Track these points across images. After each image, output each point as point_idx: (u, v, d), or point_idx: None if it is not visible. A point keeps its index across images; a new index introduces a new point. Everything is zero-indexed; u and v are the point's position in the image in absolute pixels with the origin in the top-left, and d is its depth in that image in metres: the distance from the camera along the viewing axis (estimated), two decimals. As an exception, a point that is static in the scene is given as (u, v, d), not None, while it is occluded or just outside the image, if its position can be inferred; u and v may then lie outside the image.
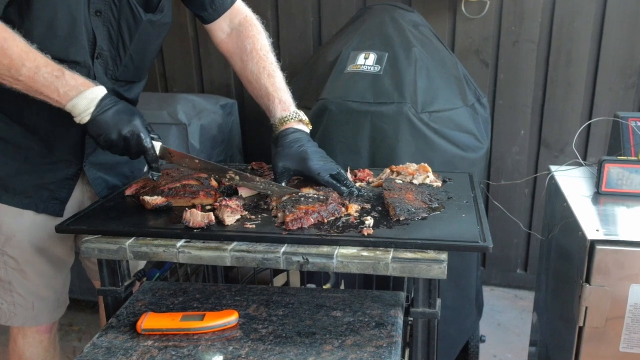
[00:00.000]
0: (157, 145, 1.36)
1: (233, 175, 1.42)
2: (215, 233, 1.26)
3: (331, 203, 1.32)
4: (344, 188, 1.44)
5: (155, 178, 1.38)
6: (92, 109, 1.28)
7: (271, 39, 1.63)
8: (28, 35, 1.27)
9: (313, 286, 1.95)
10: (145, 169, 1.44)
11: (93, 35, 1.39)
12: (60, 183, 1.52)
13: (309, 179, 1.45)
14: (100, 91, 1.31)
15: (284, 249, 1.20)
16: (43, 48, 1.27)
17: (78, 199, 1.57)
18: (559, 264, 1.68)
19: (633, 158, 1.60)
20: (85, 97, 1.28)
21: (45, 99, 1.28)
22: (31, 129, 1.45)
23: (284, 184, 1.44)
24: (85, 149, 1.52)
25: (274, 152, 1.48)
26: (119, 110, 1.31)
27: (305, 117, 1.53)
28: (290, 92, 1.56)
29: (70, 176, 1.53)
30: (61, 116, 1.31)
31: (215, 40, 1.64)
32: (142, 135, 1.32)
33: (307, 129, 1.54)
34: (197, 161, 1.42)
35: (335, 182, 1.44)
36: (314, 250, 1.19)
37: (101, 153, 1.55)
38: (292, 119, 1.51)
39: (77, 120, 1.30)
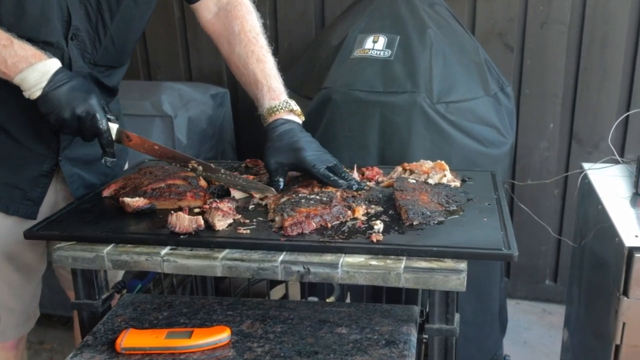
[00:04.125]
0: (114, 128, 1.38)
1: (195, 165, 1.44)
2: (205, 239, 1.25)
3: (335, 205, 1.32)
4: (341, 181, 1.46)
5: (108, 164, 1.39)
6: (43, 84, 1.29)
7: (263, 20, 1.64)
8: None
9: (315, 299, 1.95)
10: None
11: (68, 13, 1.40)
12: (33, 181, 1.51)
13: (304, 173, 1.47)
14: (53, 64, 1.31)
15: (282, 257, 1.20)
16: (12, 27, 1.28)
17: (51, 199, 1.57)
18: (592, 274, 1.67)
19: (677, 154, 1.60)
20: (35, 70, 1.29)
21: None
22: None
23: (280, 182, 1.45)
24: (60, 141, 1.52)
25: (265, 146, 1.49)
26: (74, 87, 1.32)
27: (296, 107, 1.54)
28: (281, 80, 1.57)
29: (44, 172, 1.52)
30: (33, 104, 1.31)
31: (200, 21, 1.65)
32: (98, 115, 1.33)
33: (299, 119, 1.55)
34: (156, 147, 1.44)
35: (331, 175, 1.45)
36: (315, 258, 1.19)
37: (78, 146, 1.55)
38: (281, 108, 1.52)
39: (26, 95, 1.31)
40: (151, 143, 1.44)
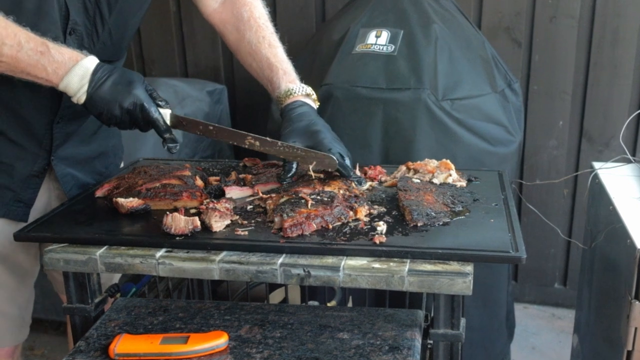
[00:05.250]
0: (166, 114, 1.39)
1: (252, 141, 1.44)
2: (201, 241, 1.25)
3: (337, 206, 1.32)
4: (352, 172, 1.47)
5: (172, 151, 1.41)
6: (85, 87, 1.31)
7: (268, 8, 1.66)
8: None
9: (315, 303, 1.95)
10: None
11: (65, 7, 1.40)
12: (24, 181, 1.51)
13: None
14: (90, 63, 1.32)
15: (281, 259, 1.20)
16: None
17: (44, 200, 1.57)
18: (603, 278, 1.67)
19: (691, 153, 1.60)
20: (75, 74, 1.30)
21: (34, 79, 1.31)
22: None
23: (294, 167, 1.46)
24: (53, 139, 1.52)
25: (282, 129, 1.50)
26: (115, 81, 1.33)
27: (312, 92, 1.57)
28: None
29: (36, 172, 1.52)
30: (24, 99, 1.32)
31: (205, 11, 1.67)
32: (146, 104, 1.34)
33: (315, 105, 1.57)
34: (211, 127, 1.45)
35: (344, 162, 1.46)
36: (316, 261, 1.19)
37: (71, 145, 1.56)
38: (298, 92, 1.54)
39: (74, 100, 1.33)
40: (206, 124, 1.45)
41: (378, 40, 2.15)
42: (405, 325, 1.25)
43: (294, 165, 1.47)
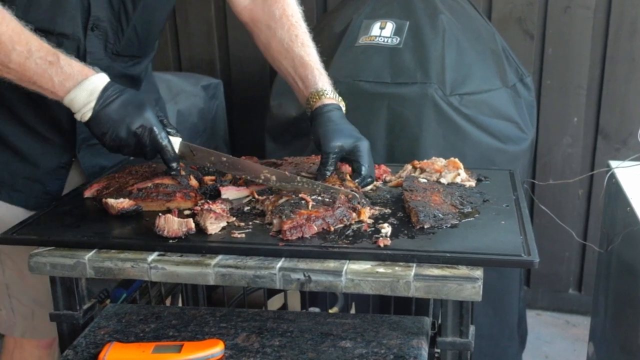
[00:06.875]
0: (176, 142, 1.39)
1: (268, 176, 1.41)
2: (196, 244, 1.25)
3: (339, 207, 1.32)
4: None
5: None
6: (92, 103, 1.31)
7: (302, 7, 1.67)
8: (9, 4, 1.29)
9: (317, 310, 1.95)
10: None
11: (87, 2, 1.43)
12: (51, 173, 1.58)
13: (346, 162, 1.48)
14: (101, 80, 1.33)
15: (280, 263, 1.20)
16: (26, 19, 1.30)
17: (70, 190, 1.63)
18: (620, 283, 1.67)
19: None
20: (83, 89, 1.30)
21: (39, 90, 1.32)
22: (14, 109, 1.51)
23: (328, 173, 1.43)
24: (78, 132, 1.57)
25: (315, 129, 1.49)
26: (125, 102, 1.33)
27: (342, 102, 1.57)
28: None
29: (63, 164, 1.59)
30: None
31: (236, 8, 1.69)
32: (156, 129, 1.34)
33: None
34: (224, 159, 1.43)
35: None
36: (317, 265, 1.19)
37: None
38: (335, 95, 1.55)
39: (77, 117, 1.33)
40: (218, 154, 1.44)
41: (382, 32, 2.15)
42: (411, 333, 1.25)
43: (330, 170, 1.44)
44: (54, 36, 1.36)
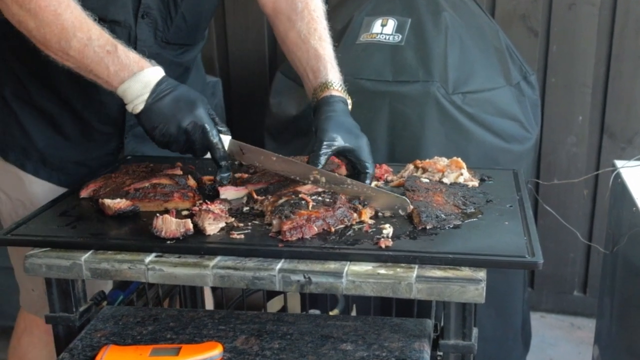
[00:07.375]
0: (226, 140, 1.40)
1: (318, 177, 1.40)
2: (194, 245, 1.25)
3: (339, 207, 1.32)
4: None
5: (224, 182, 1.41)
6: (145, 95, 1.33)
7: (327, 6, 1.67)
8: None
9: (317, 312, 1.95)
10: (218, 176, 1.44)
11: None
12: (100, 159, 1.68)
13: (346, 160, 1.47)
14: (156, 74, 1.35)
15: (279, 265, 1.20)
16: (82, 6, 1.34)
17: None
18: (626, 284, 1.67)
19: None
20: (137, 80, 1.33)
21: (95, 79, 1.35)
22: (65, 97, 1.59)
23: (322, 159, 1.41)
24: (126, 120, 1.65)
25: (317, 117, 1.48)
26: (177, 97, 1.34)
27: (349, 99, 1.58)
28: None
29: (111, 151, 1.69)
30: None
31: (261, 1, 1.70)
32: (207, 127, 1.35)
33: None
34: (274, 158, 1.42)
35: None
36: (317, 266, 1.19)
37: None
38: (344, 90, 1.55)
39: (129, 108, 1.35)
40: (268, 153, 1.43)
41: (384, 29, 2.15)
42: (413, 335, 1.24)
43: (323, 159, 1.42)
44: (106, 23, 1.40)
